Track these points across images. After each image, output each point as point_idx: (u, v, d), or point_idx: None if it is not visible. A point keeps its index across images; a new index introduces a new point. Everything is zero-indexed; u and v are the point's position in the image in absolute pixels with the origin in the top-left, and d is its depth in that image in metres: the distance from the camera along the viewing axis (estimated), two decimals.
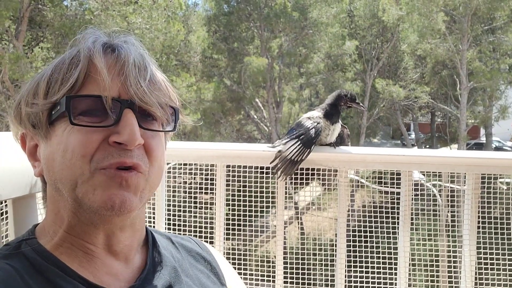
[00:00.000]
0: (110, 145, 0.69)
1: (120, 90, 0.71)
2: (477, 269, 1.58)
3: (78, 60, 0.72)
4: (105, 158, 0.69)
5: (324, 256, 2.60)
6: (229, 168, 1.63)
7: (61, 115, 0.71)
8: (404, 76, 18.48)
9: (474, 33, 15.70)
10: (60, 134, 0.71)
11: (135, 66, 0.72)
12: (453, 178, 1.68)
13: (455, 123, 18.14)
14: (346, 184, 1.61)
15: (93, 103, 0.70)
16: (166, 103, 0.75)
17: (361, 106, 1.71)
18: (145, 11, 10.52)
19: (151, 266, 0.79)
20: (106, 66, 0.71)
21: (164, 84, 0.78)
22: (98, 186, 0.69)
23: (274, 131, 15.88)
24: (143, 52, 0.76)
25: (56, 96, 0.71)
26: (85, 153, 0.69)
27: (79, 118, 0.69)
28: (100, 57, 0.71)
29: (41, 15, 10.58)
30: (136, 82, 0.71)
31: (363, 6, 17.97)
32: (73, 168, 0.69)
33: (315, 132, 1.54)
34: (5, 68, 9.13)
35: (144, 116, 0.73)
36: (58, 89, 0.71)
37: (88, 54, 0.72)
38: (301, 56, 16.29)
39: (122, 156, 0.69)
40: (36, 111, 0.73)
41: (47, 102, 0.72)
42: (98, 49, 0.72)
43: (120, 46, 0.74)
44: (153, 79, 0.74)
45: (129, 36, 0.79)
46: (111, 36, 0.77)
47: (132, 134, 0.69)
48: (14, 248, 0.72)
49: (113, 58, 0.73)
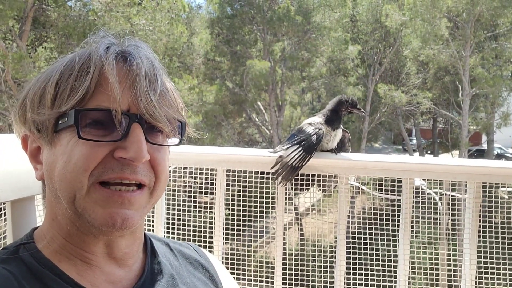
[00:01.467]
0: (113, 159, 0.68)
1: (130, 104, 0.69)
2: (477, 277, 1.57)
3: (88, 67, 0.69)
4: (105, 172, 0.68)
5: (323, 261, 2.59)
6: (229, 172, 1.63)
7: (69, 126, 0.69)
8: (406, 81, 18.46)
9: (477, 39, 15.69)
10: (65, 144, 0.69)
11: (146, 77, 0.70)
12: (454, 186, 1.67)
13: (457, 129, 18.12)
14: (347, 190, 1.60)
15: (101, 115, 0.69)
16: (174, 118, 0.74)
17: (362, 111, 1.70)
18: (149, 13, 10.55)
19: (149, 274, 0.78)
20: (117, 79, 0.69)
21: (173, 96, 0.76)
22: (96, 204, 0.68)
23: (276, 134, 15.88)
24: (154, 60, 0.74)
25: (64, 107, 0.69)
26: (87, 167, 0.67)
27: (86, 130, 0.68)
28: (112, 70, 0.69)
29: (45, 15, 10.61)
30: (146, 96, 0.69)
31: (366, 11, 17.98)
32: (73, 181, 0.68)
33: (316, 138, 1.54)
34: (8, 67, 9.15)
35: (150, 129, 0.72)
36: (66, 98, 0.69)
37: (100, 65, 0.69)
38: (304, 60, 16.29)
39: (124, 171, 0.68)
40: (42, 119, 0.71)
41: (54, 112, 0.70)
42: (110, 60, 0.70)
43: (132, 56, 0.72)
44: (163, 91, 0.73)
45: (140, 42, 0.76)
46: (122, 41, 0.75)
47: (140, 151, 0.68)
48: (12, 252, 0.72)
49: (125, 69, 0.71)
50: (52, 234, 0.74)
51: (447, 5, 14.66)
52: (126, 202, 0.69)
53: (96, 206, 0.68)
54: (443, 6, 14.61)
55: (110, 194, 0.68)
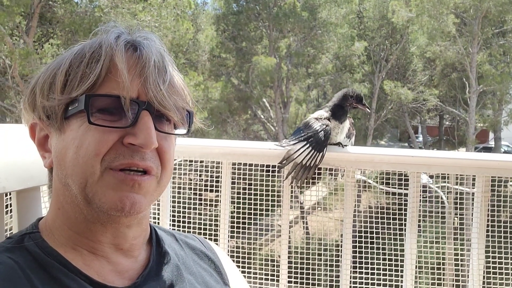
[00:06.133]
0: (123, 145, 0.69)
1: (139, 91, 0.71)
2: (485, 273, 1.55)
3: (99, 55, 0.70)
4: (116, 158, 0.69)
5: (329, 257, 2.58)
6: (234, 165, 1.62)
7: (79, 112, 0.70)
8: (413, 78, 18.34)
9: (484, 36, 15.54)
10: (76, 130, 0.70)
11: (155, 67, 0.71)
12: (461, 181, 1.65)
13: (464, 126, 17.97)
14: (353, 184, 1.59)
15: (111, 102, 0.70)
16: (183, 107, 0.75)
17: (366, 107, 1.67)
18: (155, 9, 10.56)
19: (154, 264, 0.78)
20: (127, 66, 0.70)
21: (181, 86, 0.77)
22: (109, 187, 0.69)
23: (281, 131, 15.85)
24: (163, 52, 0.75)
25: (75, 93, 0.70)
26: (99, 152, 0.68)
27: (96, 115, 0.69)
28: (122, 57, 0.70)
29: (52, 12, 10.67)
30: (155, 84, 0.71)
31: (372, 7, 17.87)
32: (85, 166, 0.68)
33: (324, 135, 1.51)
34: (15, 63, 9.22)
35: (159, 117, 0.73)
36: (77, 85, 0.70)
37: (110, 53, 0.70)
38: (309, 56, 16.24)
39: (134, 157, 0.69)
40: (52, 104, 0.72)
41: (65, 98, 0.71)
42: (120, 47, 0.71)
43: (142, 45, 0.73)
44: (172, 81, 0.74)
45: (150, 33, 0.77)
46: (132, 31, 0.76)
47: (149, 138, 0.69)
48: (16, 241, 0.72)
49: (134, 57, 0.72)
50: (57, 225, 0.74)
51: (454, 1, 14.53)
52: (137, 185, 0.70)
53: (108, 189, 0.69)
54: (450, 2, 14.48)
55: (123, 177, 0.69)
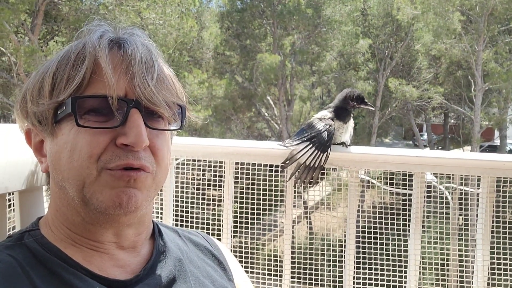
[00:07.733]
0: (117, 147, 0.69)
1: (127, 89, 0.70)
2: (489, 273, 1.54)
3: (84, 56, 0.70)
4: (113, 159, 0.68)
5: (332, 255, 2.58)
6: (237, 165, 1.61)
7: (67, 115, 0.69)
8: (418, 76, 18.24)
9: (490, 33, 15.42)
10: (67, 133, 0.70)
11: (142, 63, 0.70)
12: (466, 181, 1.64)
13: (469, 124, 17.86)
14: (357, 184, 1.58)
15: (99, 103, 0.69)
16: (173, 102, 0.74)
17: (369, 106, 1.65)
18: (159, 7, 10.57)
19: (157, 257, 0.78)
20: (112, 65, 0.69)
21: (171, 81, 0.76)
22: (106, 186, 0.68)
23: (285, 129, 15.83)
24: (150, 47, 0.74)
25: (62, 96, 0.70)
26: (92, 154, 0.68)
27: (85, 117, 0.68)
28: (106, 56, 0.69)
29: (57, 9, 10.68)
30: (143, 81, 0.70)
31: (377, 4, 17.78)
32: (80, 168, 0.68)
33: (327, 135, 1.50)
34: (20, 61, 9.26)
35: (149, 114, 0.72)
36: (63, 87, 0.70)
37: (93, 53, 0.70)
38: (314, 54, 16.19)
39: (129, 157, 0.69)
40: (42, 109, 0.72)
41: (52, 102, 0.70)
42: (104, 46, 0.70)
43: (126, 42, 0.72)
44: (160, 76, 0.73)
45: (136, 29, 0.77)
46: (117, 29, 0.75)
47: (139, 136, 0.68)
48: (16, 239, 0.72)
49: (119, 55, 0.71)
50: (56, 224, 0.74)
51: None
52: (132, 180, 0.69)
53: (105, 188, 0.69)
54: None
55: (120, 174, 0.69)
